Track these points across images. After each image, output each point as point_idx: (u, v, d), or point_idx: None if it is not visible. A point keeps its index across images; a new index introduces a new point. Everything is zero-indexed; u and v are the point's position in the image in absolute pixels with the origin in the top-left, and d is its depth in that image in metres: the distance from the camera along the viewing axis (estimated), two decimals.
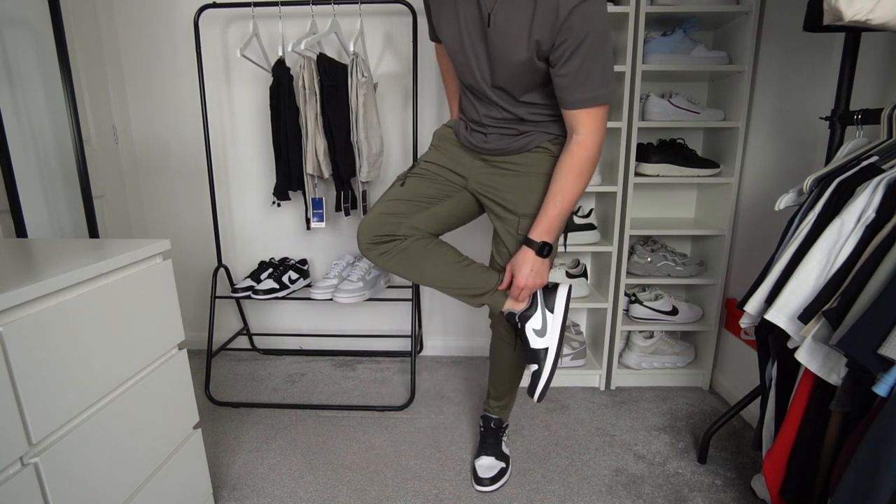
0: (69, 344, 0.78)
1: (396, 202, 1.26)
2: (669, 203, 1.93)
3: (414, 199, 1.26)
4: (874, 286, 0.80)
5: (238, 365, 2.06)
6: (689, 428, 1.60)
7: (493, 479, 1.33)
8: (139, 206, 2.06)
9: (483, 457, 1.39)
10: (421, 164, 1.31)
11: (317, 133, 1.66)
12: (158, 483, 0.99)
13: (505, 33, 1.02)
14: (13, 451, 0.69)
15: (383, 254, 1.24)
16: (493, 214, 1.28)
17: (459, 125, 1.28)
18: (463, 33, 1.09)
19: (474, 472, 1.36)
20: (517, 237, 1.23)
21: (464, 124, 1.27)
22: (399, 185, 1.29)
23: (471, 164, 1.28)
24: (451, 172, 1.29)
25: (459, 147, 1.29)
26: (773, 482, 1.02)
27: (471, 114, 1.23)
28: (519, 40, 1.02)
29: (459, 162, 1.29)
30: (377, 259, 1.26)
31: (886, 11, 0.82)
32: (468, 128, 1.26)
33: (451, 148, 1.30)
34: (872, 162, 0.95)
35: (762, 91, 1.57)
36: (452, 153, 1.30)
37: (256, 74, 1.89)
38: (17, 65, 1.48)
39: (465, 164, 1.28)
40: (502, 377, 1.42)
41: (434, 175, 1.29)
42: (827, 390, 0.91)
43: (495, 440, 1.43)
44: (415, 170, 1.31)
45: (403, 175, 1.31)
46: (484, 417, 1.47)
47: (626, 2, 1.53)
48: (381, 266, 1.28)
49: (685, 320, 1.80)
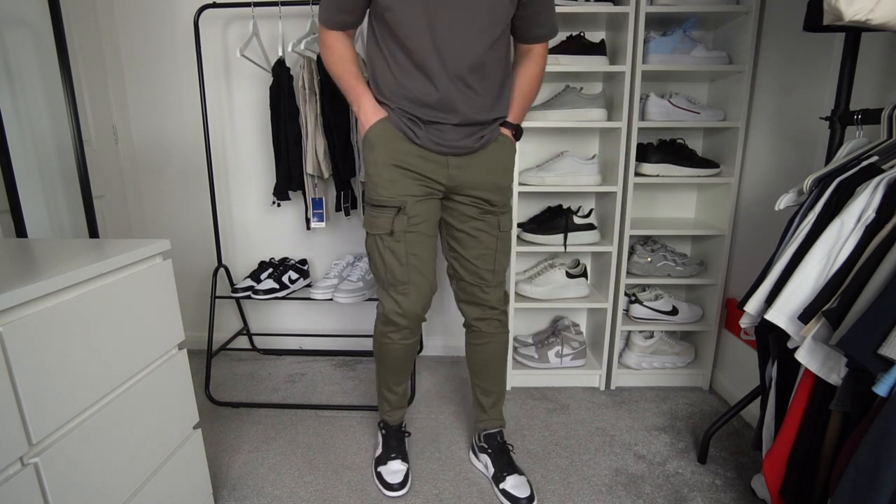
0: (69, 344, 0.78)
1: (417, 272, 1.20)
2: (669, 203, 1.93)
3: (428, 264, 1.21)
4: (874, 286, 0.80)
5: (238, 365, 2.06)
6: (689, 428, 1.60)
7: (530, 498, 1.27)
8: (139, 206, 2.06)
9: (508, 477, 1.31)
10: (412, 217, 1.16)
11: (317, 133, 1.66)
12: (158, 483, 0.99)
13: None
14: (13, 451, 0.69)
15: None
16: (466, 217, 1.22)
17: (399, 121, 1.12)
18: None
19: (508, 495, 1.27)
20: (497, 234, 1.25)
21: (407, 118, 1.12)
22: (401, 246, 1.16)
23: (445, 165, 1.16)
24: (433, 195, 1.18)
25: (421, 154, 1.14)
26: (773, 482, 1.02)
27: (424, 97, 1.09)
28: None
29: (432, 176, 1.16)
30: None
31: (886, 11, 0.82)
32: (418, 122, 1.11)
33: (414, 162, 1.14)
34: (872, 162, 0.95)
35: (762, 91, 1.57)
36: (421, 168, 1.15)
37: (256, 74, 1.89)
38: (17, 65, 1.48)
39: (439, 172, 1.16)
40: (492, 374, 1.38)
41: (428, 222, 1.19)
42: (827, 390, 0.91)
43: (509, 457, 1.37)
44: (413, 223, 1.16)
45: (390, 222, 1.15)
46: (487, 436, 1.39)
47: (626, 2, 1.53)
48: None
49: (685, 320, 1.80)
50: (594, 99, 1.63)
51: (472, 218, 1.22)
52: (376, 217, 1.16)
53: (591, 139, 1.88)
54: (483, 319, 1.33)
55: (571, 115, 1.62)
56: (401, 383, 1.40)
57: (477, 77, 1.10)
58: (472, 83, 1.10)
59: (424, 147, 1.13)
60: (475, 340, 1.36)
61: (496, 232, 1.25)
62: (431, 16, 1.03)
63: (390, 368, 1.35)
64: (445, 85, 1.08)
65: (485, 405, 1.40)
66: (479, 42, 1.07)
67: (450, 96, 1.09)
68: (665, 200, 1.92)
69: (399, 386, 1.40)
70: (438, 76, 1.07)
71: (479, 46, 1.07)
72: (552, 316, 2.04)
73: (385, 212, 1.15)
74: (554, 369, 1.84)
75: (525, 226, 1.79)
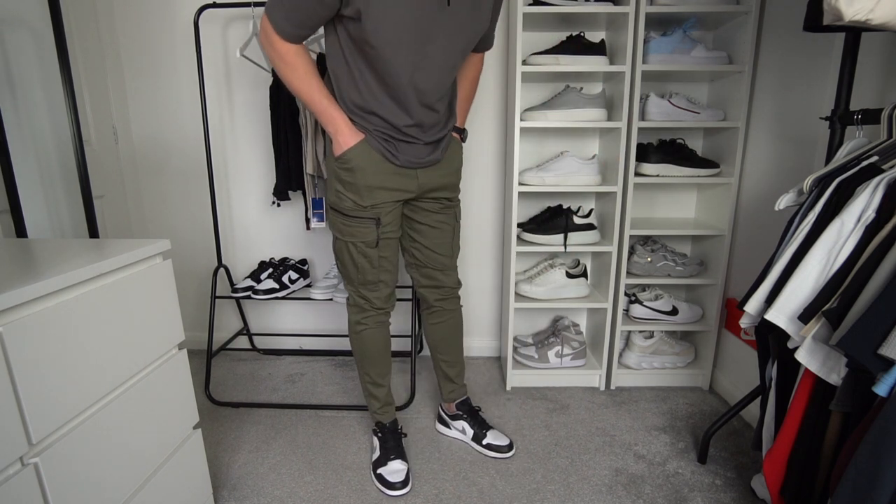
0: (69, 344, 0.78)
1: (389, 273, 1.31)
2: (669, 203, 1.93)
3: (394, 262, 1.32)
4: (874, 286, 0.80)
5: (238, 365, 2.06)
6: (689, 428, 1.60)
7: (510, 444, 1.48)
8: (139, 206, 2.06)
9: (488, 432, 1.49)
10: (385, 226, 1.23)
11: (317, 133, 1.66)
12: (158, 483, 0.99)
13: (466, 4, 1.05)
14: (13, 451, 0.69)
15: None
16: (428, 213, 1.31)
17: (377, 143, 1.15)
18: (418, 20, 0.99)
19: (492, 447, 1.46)
20: (454, 224, 1.36)
21: (384, 139, 1.15)
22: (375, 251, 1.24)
23: (414, 177, 1.23)
24: (401, 202, 1.26)
25: (396, 171, 1.19)
26: (773, 482, 1.02)
27: (397, 120, 1.12)
28: (481, 5, 1.08)
29: (404, 188, 1.22)
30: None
31: (886, 11, 0.82)
32: (394, 141, 1.15)
33: (390, 179, 1.19)
34: (872, 162, 0.95)
35: (762, 91, 1.57)
36: (396, 184, 1.21)
37: (256, 74, 1.89)
38: (17, 65, 1.48)
39: (410, 184, 1.23)
40: (455, 346, 1.51)
41: (394, 225, 1.26)
42: (827, 390, 0.91)
43: (481, 417, 1.54)
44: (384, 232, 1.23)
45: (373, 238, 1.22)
46: (460, 404, 1.54)
47: (626, 2, 1.53)
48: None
49: (685, 320, 1.80)
50: (594, 99, 1.63)
51: (433, 213, 1.33)
52: (351, 226, 1.22)
53: (591, 139, 1.88)
54: (444, 299, 1.45)
55: (571, 115, 1.62)
56: (385, 375, 1.43)
57: (441, 101, 1.19)
58: (436, 106, 1.17)
59: (401, 165, 1.20)
60: (437, 319, 1.48)
61: (454, 223, 1.37)
62: (415, 57, 1.05)
63: (371, 358, 1.39)
64: (416, 111, 1.14)
65: (452, 376, 1.53)
66: (450, 76, 1.16)
67: (420, 120, 1.16)
68: (665, 200, 1.92)
69: (384, 378, 1.43)
70: (412, 107, 1.13)
71: (449, 79, 1.16)
72: (552, 316, 2.04)
73: (363, 223, 1.22)
74: (554, 369, 1.84)
75: (525, 226, 1.79)
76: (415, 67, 1.06)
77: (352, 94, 1.12)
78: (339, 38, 1.07)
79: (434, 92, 1.13)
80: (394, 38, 1.00)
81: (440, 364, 1.53)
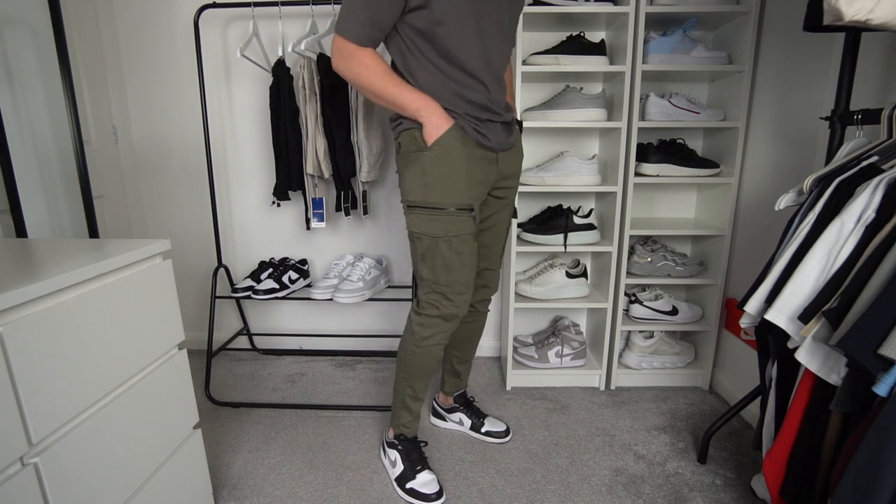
0: (69, 344, 0.78)
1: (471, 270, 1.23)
2: (669, 203, 1.93)
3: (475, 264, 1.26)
4: (874, 286, 0.80)
5: (238, 365, 2.06)
6: (689, 428, 1.60)
7: (507, 430, 1.54)
8: (139, 206, 2.06)
9: (485, 420, 1.55)
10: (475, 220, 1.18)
11: (317, 133, 1.66)
12: (158, 483, 0.99)
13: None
14: (13, 451, 0.69)
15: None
16: (498, 207, 1.30)
17: (469, 127, 1.13)
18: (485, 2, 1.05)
19: (491, 433, 1.53)
20: (509, 221, 1.37)
21: (474, 122, 1.13)
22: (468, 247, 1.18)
23: (495, 162, 1.20)
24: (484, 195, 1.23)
25: (484, 156, 1.17)
26: (773, 482, 1.02)
27: (478, 97, 1.12)
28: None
29: (488, 175, 1.20)
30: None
31: (886, 11, 0.82)
32: (480, 124, 1.14)
33: (480, 164, 1.16)
34: (872, 162, 0.95)
35: (762, 91, 1.57)
36: (484, 170, 1.18)
37: (256, 74, 1.89)
38: (17, 65, 1.48)
39: (492, 169, 1.20)
40: (473, 345, 1.52)
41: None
42: (827, 390, 0.91)
43: (476, 407, 1.60)
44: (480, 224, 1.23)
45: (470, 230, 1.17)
46: (458, 397, 1.58)
47: (626, 2, 1.53)
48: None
49: (685, 320, 1.80)
50: (594, 99, 1.63)
51: (496, 211, 1.31)
52: (443, 220, 1.13)
53: (591, 139, 1.88)
54: (482, 301, 1.44)
55: (571, 115, 1.62)
56: (426, 389, 1.36)
57: (503, 76, 1.19)
58: (503, 81, 1.19)
59: (491, 148, 1.17)
60: (468, 318, 1.45)
61: (509, 221, 1.36)
62: (480, 27, 1.08)
63: (423, 373, 1.31)
64: (493, 87, 1.14)
65: (461, 373, 1.56)
66: (509, 45, 1.18)
67: (496, 97, 1.15)
68: (665, 200, 1.92)
69: (425, 392, 1.36)
70: (488, 80, 1.13)
71: (509, 49, 1.18)
72: (552, 316, 2.04)
73: (458, 215, 1.14)
74: (554, 369, 1.84)
75: (525, 226, 1.79)
76: (480, 38, 1.08)
77: (430, 83, 1.10)
78: (403, 40, 1.10)
79: (499, 65, 1.15)
80: (458, 14, 1.04)
81: (451, 359, 1.53)
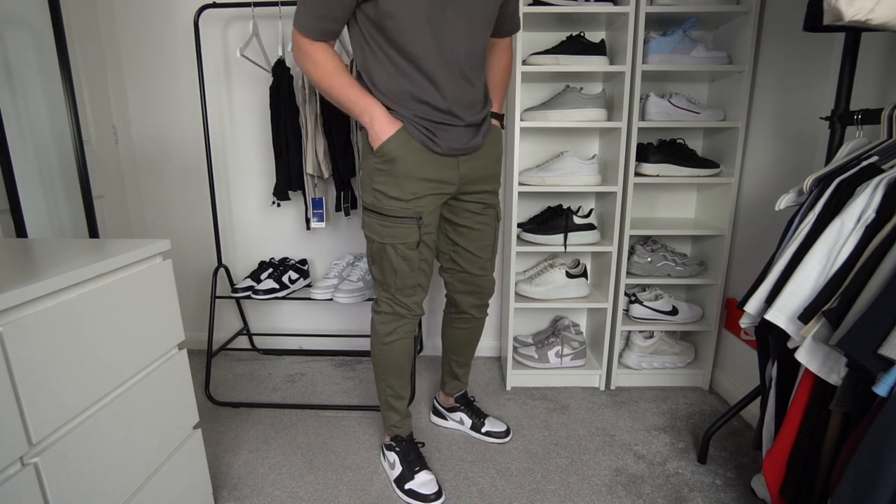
0: (69, 344, 0.78)
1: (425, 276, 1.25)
2: (669, 203, 1.93)
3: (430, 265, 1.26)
4: (874, 286, 0.80)
5: (238, 365, 2.06)
6: (689, 428, 1.60)
7: (507, 430, 1.54)
8: (139, 206, 2.06)
9: (486, 420, 1.55)
10: (426, 226, 1.17)
11: (317, 133, 1.66)
12: (158, 483, 0.99)
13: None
14: (13, 451, 0.69)
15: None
16: (469, 213, 1.26)
17: (416, 131, 1.10)
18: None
19: (492, 434, 1.53)
20: (495, 225, 1.33)
21: (423, 126, 1.10)
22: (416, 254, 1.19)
23: (455, 167, 1.17)
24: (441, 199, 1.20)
25: (437, 161, 1.14)
26: (773, 482, 1.02)
27: (433, 99, 1.08)
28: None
29: (446, 180, 1.16)
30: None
31: (886, 11, 0.82)
32: (433, 127, 1.10)
33: (431, 170, 1.14)
34: (872, 162, 0.95)
35: (762, 91, 1.57)
36: (437, 175, 1.15)
37: (256, 74, 1.89)
38: (17, 65, 1.48)
39: (451, 174, 1.17)
40: (472, 350, 1.52)
41: (432, 226, 1.20)
42: (827, 390, 0.91)
43: (477, 407, 1.60)
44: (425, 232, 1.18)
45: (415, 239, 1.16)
46: (459, 397, 1.58)
47: (626, 2, 1.53)
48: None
49: (685, 320, 1.80)
50: (594, 99, 1.63)
51: (475, 213, 1.28)
52: (391, 227, 1.15)
53: (591, 139, 1.88)
54: (478, 306, 1.43)
55: (571, 115, 1.62)
56: (406, 386, 1.38)
57: (475, 72, 1.13)
58: (472, 79, 1.13)
59: (442, 154, 1.14)
60: (464, 325, 1.46)
61: (495, 223, 1.34)
62: (434, 19, 1.02)
63: (396, 370, 1.33)
64: (451, 86, 1.09)
65: (459, 375, 1.56)
66: (478, 43, 1.12)
67: (456, 96, 1.10)
68: (665, 200, 1.92)
69: (405, 389, 1.38)
70: (443, 78, 1.08)
71: (479, 48, 1.13)
72: (552, 316, 2.04)
73: (404, 223, 1.14)
74: (554, 369, 1.84)
75: (525, 226, 1.79)
76: (437, 31, 1.03)
77: (384, 80, 1.08)
78: (362, 31, 1.07)
79: (466, 60, 1.09)
80: (406, 5, 1.00)
81: (451, 363, 1.54)
